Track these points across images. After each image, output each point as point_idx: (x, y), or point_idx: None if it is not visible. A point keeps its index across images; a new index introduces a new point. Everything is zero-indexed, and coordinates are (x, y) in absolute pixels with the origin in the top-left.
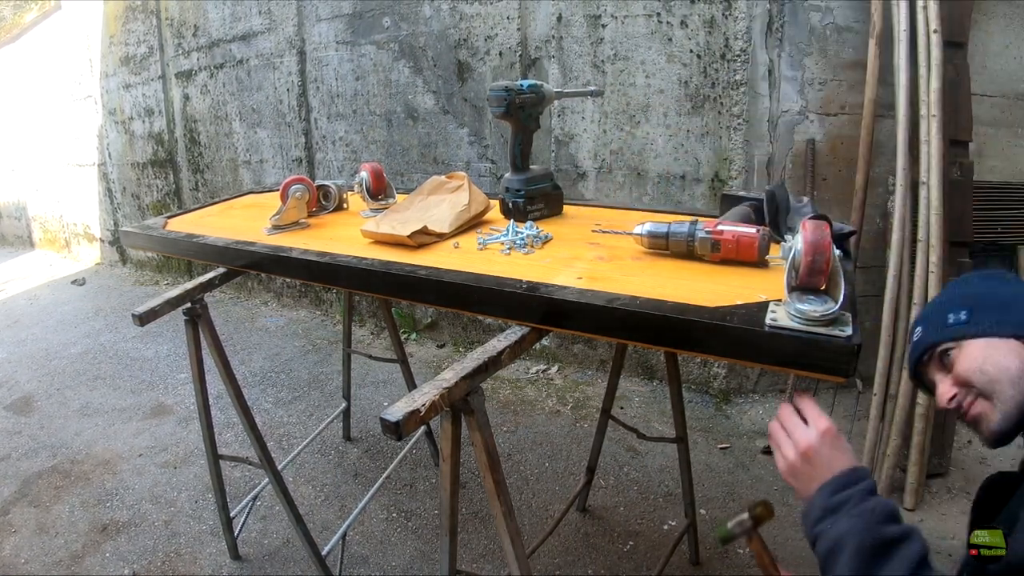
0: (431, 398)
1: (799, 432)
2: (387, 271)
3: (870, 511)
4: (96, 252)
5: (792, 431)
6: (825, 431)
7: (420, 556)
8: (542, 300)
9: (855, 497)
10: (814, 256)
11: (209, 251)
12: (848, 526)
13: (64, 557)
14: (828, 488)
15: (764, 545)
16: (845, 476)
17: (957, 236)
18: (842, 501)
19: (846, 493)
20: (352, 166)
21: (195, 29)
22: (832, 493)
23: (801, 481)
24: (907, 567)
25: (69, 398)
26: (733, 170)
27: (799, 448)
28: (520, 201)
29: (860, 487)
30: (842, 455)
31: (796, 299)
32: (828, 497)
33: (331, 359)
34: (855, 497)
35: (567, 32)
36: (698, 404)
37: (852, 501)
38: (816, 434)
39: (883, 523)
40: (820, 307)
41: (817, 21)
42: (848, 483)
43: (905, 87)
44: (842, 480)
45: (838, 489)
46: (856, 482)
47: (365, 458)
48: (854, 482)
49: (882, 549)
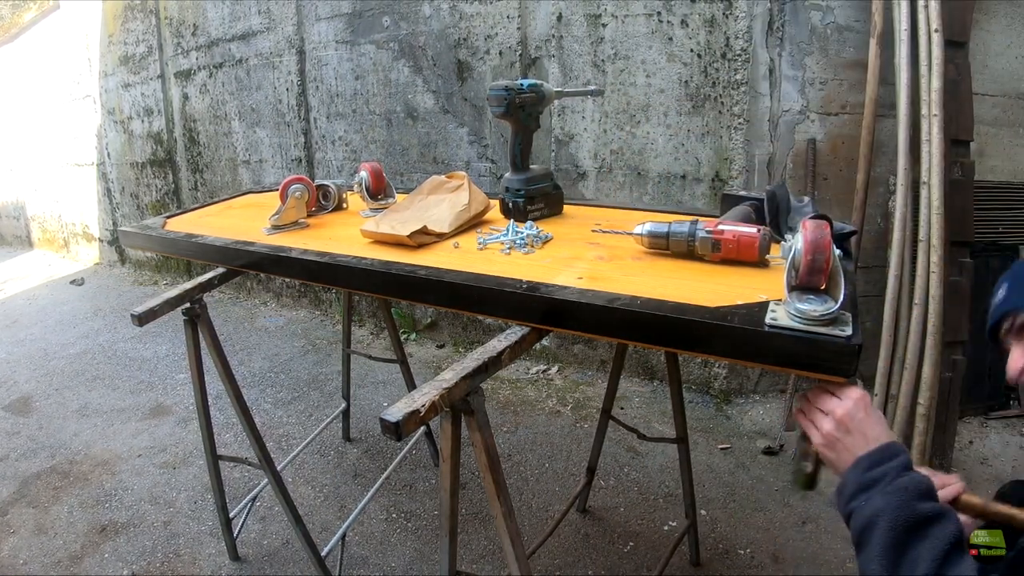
0: (431, 398)
1: (832, 403)
2: (387, 271)
3: (904, 488)
4: (95, 252)
5: (824, 403)
6: (859, 397)
7: (420, 557)
8: (542, 300)
9: (890, 473)
10: (814, 255)
11: (208, 251)
12: (882, 503)
13: (63, 558)
14: (862, 464)
15: None
16: (879, 452)
17: (958, 236)
18: (876, 477)
19: (881, 469)
20: (351, 166)
21: (194, 28)
22: (867, 469)
23: (838, 452)
24: (941, 546)
25: (68, 398)
26: (734, 170)
27: (835, 416)
28: (520, 201)
29: (895, 463)
30: (877, 423)
31: (796, 298)
32: (862, 473)
33: (330, 359)
34: (890, 473)
35: (567, 31)
36: (699, 404)
37: (887, 478)
38: (851, 402)
39: (918, 500)
40: (820, 307)
41: (818, 20)
42: (883, 459)
43: (906, 86)
44: (876, 456)
45: (873, 465)
46: (891, 457)
47: (365, 459)
48: (889, 457)
49: (916, 527)
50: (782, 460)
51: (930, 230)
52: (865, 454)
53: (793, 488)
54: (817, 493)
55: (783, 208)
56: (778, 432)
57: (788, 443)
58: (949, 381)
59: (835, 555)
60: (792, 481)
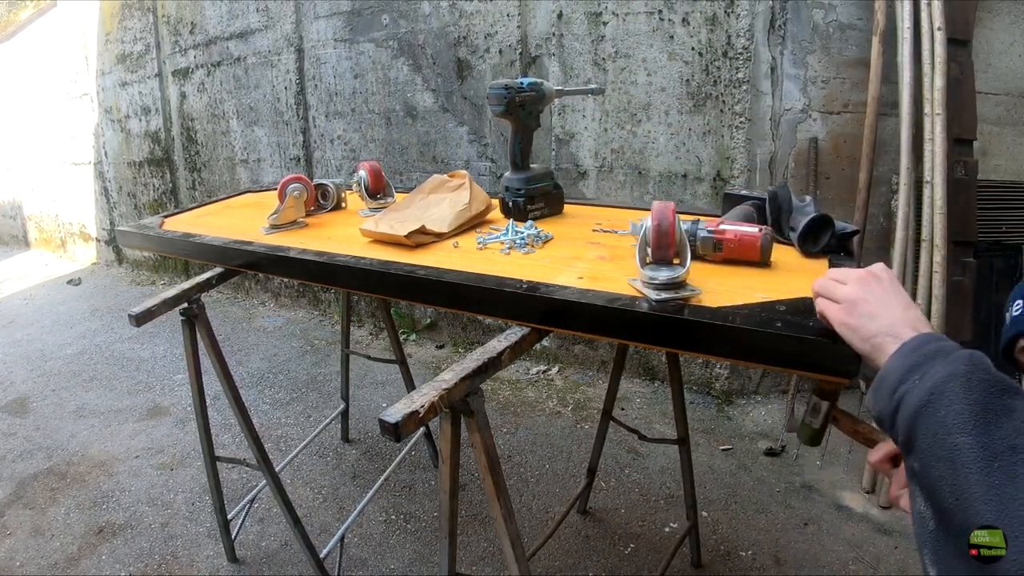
0: (430, 399)
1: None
2: (386, 271)
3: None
4: (92, 252)
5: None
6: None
7: (419, 558)
8: (542, 300)
9: (947, 348)
10: (659, 233)
11: (206, 251)
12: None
13: (60, 560)
14: (907, 347)
15: (854, 418)
16: (926, 336)
17: (961, 235)
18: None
19: (934, 346)
20: (350, 165)
21: (192, 26)
22: (914, 349)
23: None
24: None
25: (65, 399)
26: (735, 169)
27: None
28: (520, 200)
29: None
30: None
31: (649, 269)
32: (909, 354)
33: (329, 360)
34: (947, 348)
35: (568, 29)
36: (700, 405)
37: (945, 351)
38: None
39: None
40: (669, 273)
41: (820, 18)
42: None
43: (909, 85)
44: (923, 339)
45: (922, 345)
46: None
47: (364, 460)
48: (937, 338)
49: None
50: (784, 461)
51: (933, 230)
52: (910, 339)
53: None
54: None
55: (784, 209)
56: (780, 433)
57: (790, 444)
58: None
59: (837, 557)
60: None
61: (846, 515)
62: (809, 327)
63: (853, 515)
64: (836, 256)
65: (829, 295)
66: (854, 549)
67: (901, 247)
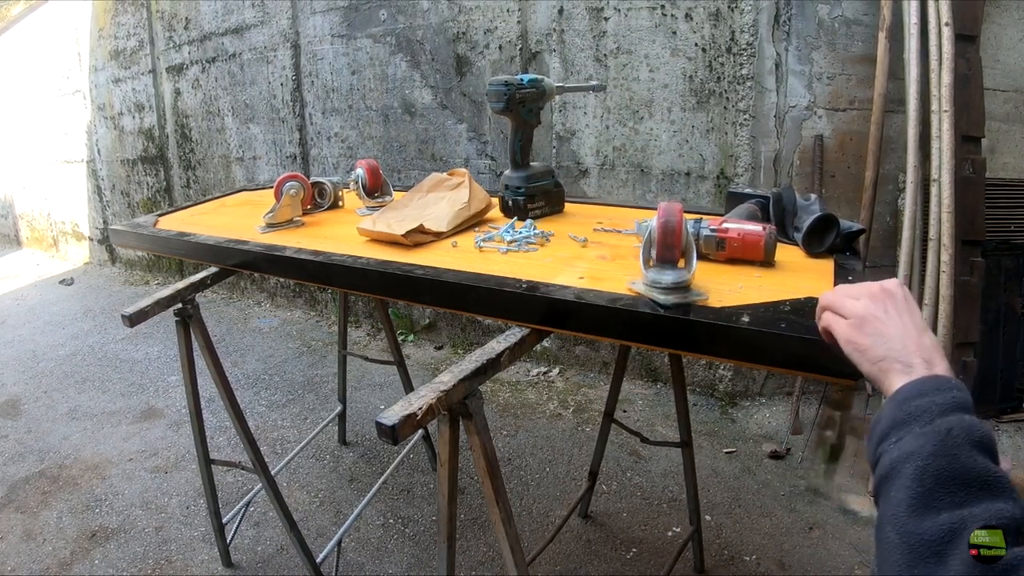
0: (428, 401)
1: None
2: (384, 270)
3: (947, 431)
4: (85, 251)
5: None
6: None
7: (417, 563)
8: (543, 300)
9: (934, 409)
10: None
11: (201, 250)
12: (916, 445)
13: (52, 565)
14: (903, 392)
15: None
16: (930, 381)
17: (969, 234)
18: (916, 412)
19: (924, 401)
20: (348, 163)
21: (186, 22)
22: (906, 400)
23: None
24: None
25: (57, 401)
26: (739, 167)
27: (870, 292)
28: (520, 199)
29: (943, 397)
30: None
31: (652, 271)
32: (901, 404)
33: (326, 361)
34: (934, 409)
35: (569, 25)
36: (703, 407)
37: (929, 414)
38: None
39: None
40: (674, 276)
41: (825, 14)
42: (929, 389)
43: (916, 82)
44: (923, 385)
45: (917, 395)
46: (940, 390)
47: (361, 463)
48: (937, 389)
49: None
50: (789, 464)
51: (940, 228)
52: (910, 382)
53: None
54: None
55: (789, 210)
56: (785, 436)
57: (795, 447)
58: None
59: (843, 562)
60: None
61: (852, 519)
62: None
63: (859, 519)
64: (841, 256)
65: (839, 310)
66: (860, 554)
67: (908, 246)
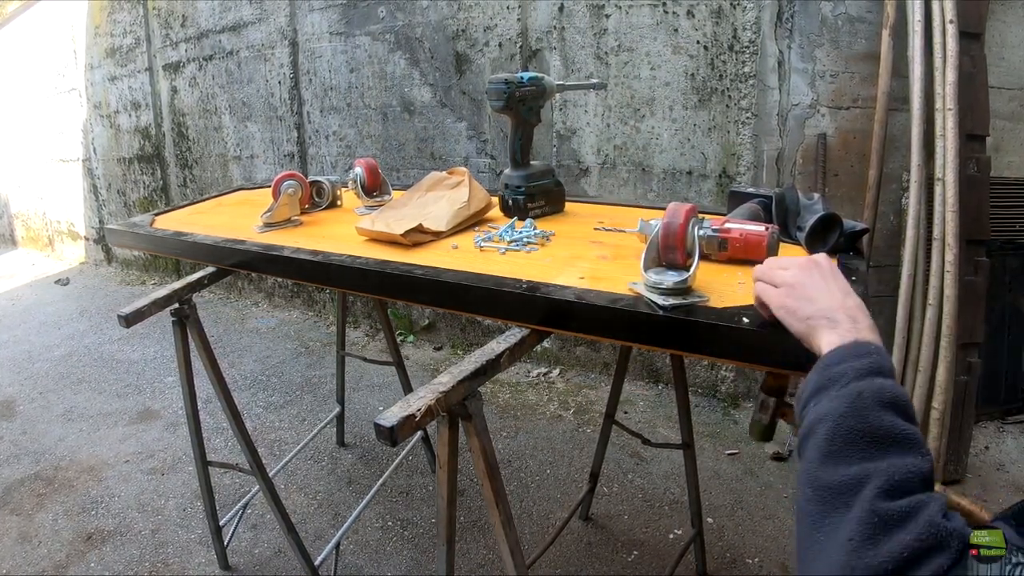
0: (427, 402)
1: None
2: (382, 270)
3: (858, 393)
4: (80, 251)
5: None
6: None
7: (416, 566)
8: (543, 300)
9: (849, 373)
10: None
11: (198, 249)
12: (829, 407)
13: (47, 567)
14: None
15: None
16: (851, 347)
17: (974, 234)
18: (835, 377)
19: (843, 367)
20: (346, 161)
21: (183, 19)
22: (827, 366)
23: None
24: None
25: (52, 402)
26: (741, 165)
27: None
28: (520, 198)
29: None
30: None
31: (653, 272)
32: (822, 371)
33: (324, 362)
34: (849, 373)
35: (569, 22)
36: (705, 408)
37: (845, 378)
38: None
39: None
40: (675, 277)
41: (828, 11)
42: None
43: (920, 80)
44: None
45: (833, 362)
46: (859, 356)
47: (359, 465)
48: (856, 355)
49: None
50: (792, 466)
51: (944, 228)
52: (832, 350)
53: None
54: None
55: (792, 210)
56: (787, 437)
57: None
58: (964, 384)
59: None
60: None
61: None
62: None
63: None
64: (845, 255)
65: (769, 280)
66: None
67: (912, 246)
